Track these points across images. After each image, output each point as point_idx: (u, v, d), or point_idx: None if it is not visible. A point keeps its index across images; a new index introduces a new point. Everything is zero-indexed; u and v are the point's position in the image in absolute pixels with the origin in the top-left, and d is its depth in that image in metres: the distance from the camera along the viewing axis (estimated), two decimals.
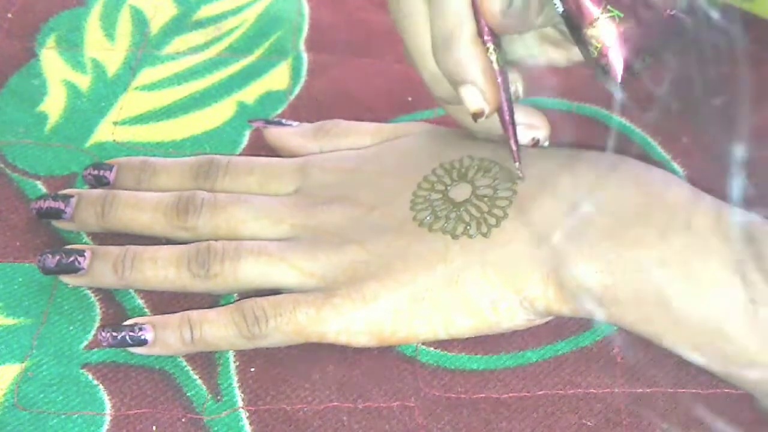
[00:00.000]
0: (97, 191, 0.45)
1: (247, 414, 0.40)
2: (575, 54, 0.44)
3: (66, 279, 0.43)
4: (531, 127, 0.43)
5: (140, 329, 0.41)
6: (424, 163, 0.44)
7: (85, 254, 0.42)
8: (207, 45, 0.55)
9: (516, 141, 0.41)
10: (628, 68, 0.39)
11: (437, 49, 0.40)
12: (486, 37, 0.39)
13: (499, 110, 0.41)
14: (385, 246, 0.41)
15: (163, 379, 0.41)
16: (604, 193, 0.40)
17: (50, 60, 0.54)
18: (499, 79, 0.40)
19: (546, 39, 0.44)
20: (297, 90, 0.53)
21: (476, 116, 0.40)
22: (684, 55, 0.39)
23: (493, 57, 0.39)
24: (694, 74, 0.39)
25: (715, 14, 0.37)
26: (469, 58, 0.39)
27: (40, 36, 0.55)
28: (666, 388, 0.40)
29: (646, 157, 0.48)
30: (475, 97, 0.39)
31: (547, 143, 0.43)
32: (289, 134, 0.48)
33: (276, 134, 0.48)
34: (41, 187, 0.47)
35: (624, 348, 0.41)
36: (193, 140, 0.50)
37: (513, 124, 0.41)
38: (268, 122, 0.48)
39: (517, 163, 0.41)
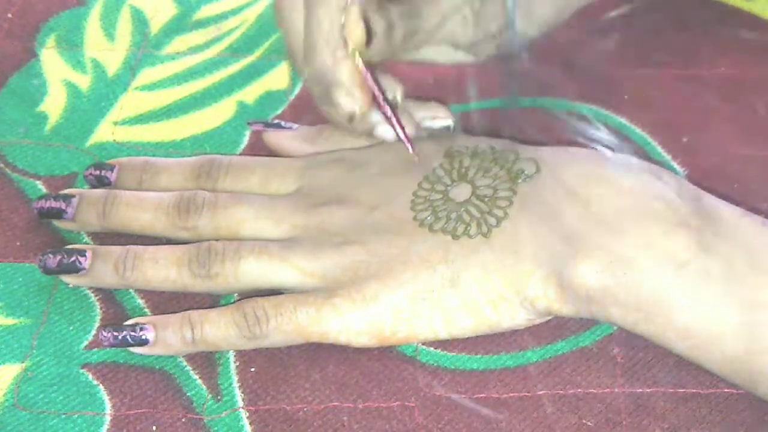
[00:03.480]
0: (99, 191, 0.45)
1: (247, 414, 0.40)
2: (483, 53, 0.46)
3: (67, 279, 0.43)
4: (435, 118, 0.45)
5: (141, 329, 0.41)
6: (424, 163, 0.44)
7: (87, 254, 0.42)
8: (207, 45, 0.55)
9: (403, 131, 0.43)
10: None
11: (306, 54, 0.42)
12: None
13: (379, 108, 0.43)
14: (386, 246, 0.41)
15: (163, 379, 0.41)
16: (605, 192, 0.40)
17: (50, 60, 0.54)
18: (370, 82, 0.42)
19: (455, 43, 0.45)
20: (297, 90, 0.53)
21: (349, 118, 0.42)
22: None
23: (360, 62, 0.41)
24: None
25: None
26: (334, 64, 0.41)
27: (40, 36, 0.55)
28: (666, 388, 0.40)
29: (646, 156, 0.47)
30: (345, 99, 0.41)
31: (452, 126, 0.45)
32: (289, 138, 0.48)
33: (275, 138, 0.48)
34: (41, 187, 0.47)
35: (624, 348, 0.41)
36: (193, 140, 0.50)
37: (395, 117, 0.43)
38: (268, 125, 0.48)
39: (410, 151, 0.43)
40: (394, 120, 0.43)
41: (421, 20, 0.43)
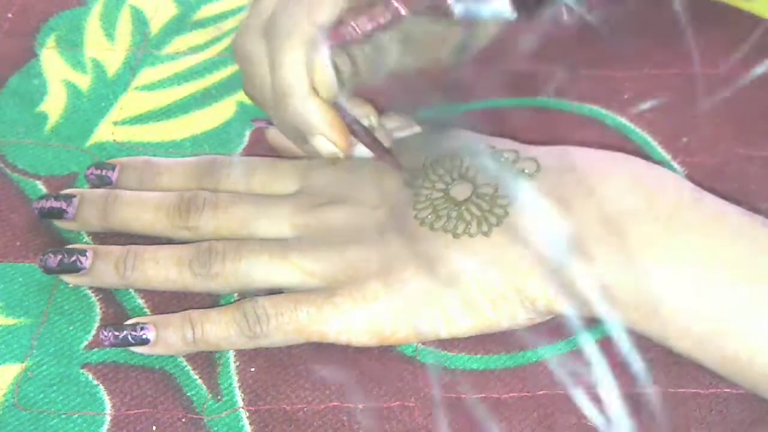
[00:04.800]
0: (100, 191, 0.45)
1: (247, 414, 0.40)
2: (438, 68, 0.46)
3: (68, 278, 0.43)
4: (401, 129, 0.46)
5: (142, 328, 0.41)
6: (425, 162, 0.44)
7: (87, 254, 0.42)
8: (207, 45, 0.55)
9: (392, 158, 0.43)
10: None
11: (276, 102, 0.41)
12: None
13: (359, 139, 0.42)
14: (387, 245, 0.41)
15: (164, 379, 0.41)
16: (605, 192, 0.40)
17: (50, 60, 0.54)
18: (348, 122, 0.41)
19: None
20: None
21: (333, 161, 0.41)
22: None
23: (333, 106, 0.41)
24: None
25: None
26: (308, 112, 0.40)
27: (40, 36, 0.55)
28: (666, 388, 0.40)
29: (646, 156, 0.47)
30: (326, 144, 0.41)
31: (375, 122, 0.45)
32: None
33: (278, 135, 0.48)
34: (41, 187, 0.47)
35: (624, 348, 0.41)
36: (193, 140, 0.50)
37: (377, 145, 0.43)
38: (271, 122, 0.48)
39: (406, 179, 0.43)
40: (380, 151, 0.43)
41: (382, 51, 0.43)
